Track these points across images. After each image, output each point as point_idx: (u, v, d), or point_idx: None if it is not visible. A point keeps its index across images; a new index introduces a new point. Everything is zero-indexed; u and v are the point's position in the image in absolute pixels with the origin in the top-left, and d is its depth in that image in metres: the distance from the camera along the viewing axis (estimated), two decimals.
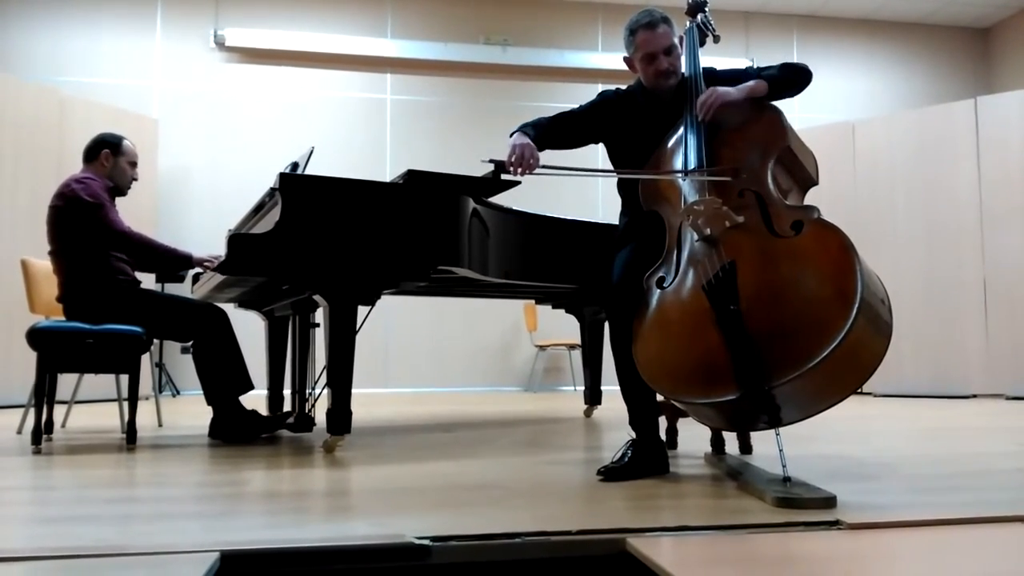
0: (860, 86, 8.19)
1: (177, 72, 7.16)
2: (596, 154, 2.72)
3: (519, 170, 2.26)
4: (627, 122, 2.49)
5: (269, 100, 7.29)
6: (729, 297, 1.90)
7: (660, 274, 2.13)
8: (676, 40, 2.43)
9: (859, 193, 6.39)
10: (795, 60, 7.99)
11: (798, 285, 1.88)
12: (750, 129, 2.24)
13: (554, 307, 4.56)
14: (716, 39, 2.55)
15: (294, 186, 2.68)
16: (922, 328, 6.02)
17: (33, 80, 6.19)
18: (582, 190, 7.48)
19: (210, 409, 3.20)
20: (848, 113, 7.57)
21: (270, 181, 2.78)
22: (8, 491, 2.13)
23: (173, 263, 3.25)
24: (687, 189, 2.21)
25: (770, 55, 7.98)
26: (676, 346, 2.00)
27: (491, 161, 2.34)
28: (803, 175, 2.27)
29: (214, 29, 7.20)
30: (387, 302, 3.72)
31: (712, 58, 2.43)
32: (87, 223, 3.10)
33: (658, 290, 2.10)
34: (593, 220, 3.85)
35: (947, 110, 6.25)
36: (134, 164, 3.38)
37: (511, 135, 2.38)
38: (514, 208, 3.36)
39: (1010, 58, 8.18)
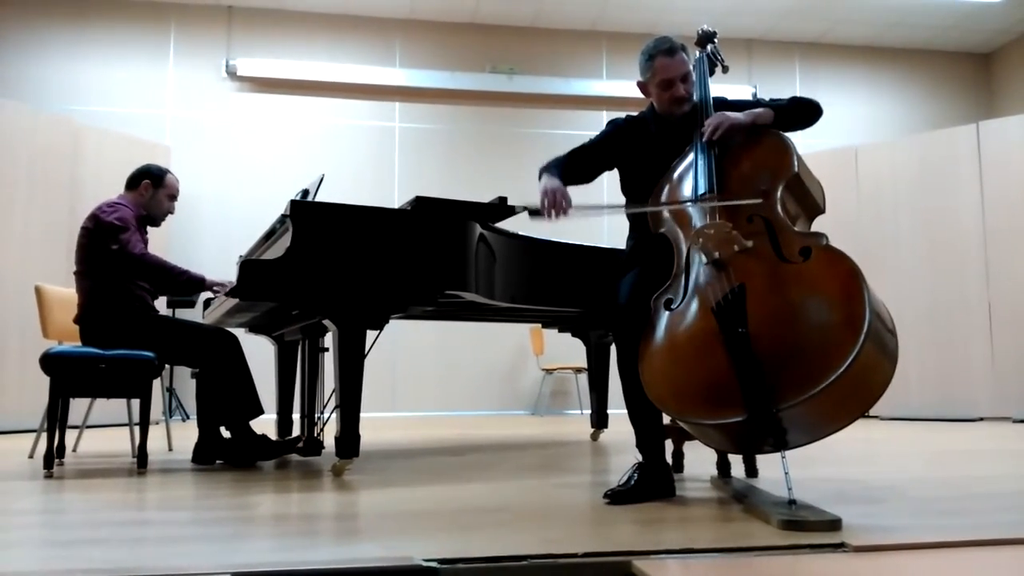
0: (863, 112, 8.24)
1: (189, 101, 7.26)
2: (601, 184, 2.74)
3: (554, 213, 2.28)
4: (639, 148, 2.54)
5: (280, 128, 7.38)
6: (737, 320, 1.92)
7: (668, 296, 2.15)
8: (691, 68, 2.50)
9: (862, 218, 6.41)
10: (798, 86, 8.11)
11: (806, 310, 1.91)
12: (760, 155, 2.28)
13: (560, 331, 4.58)
14: (725, 69, 2.62)
15: (305, 213, 2.72)
16: (928, 351, 6.01)
17: (47, 109, 6.29)
18: (586, 215, 7.52)
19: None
20: (851, 138, 7.60)
21: (281, 208, 2.82)
22: (20, 515, 2.15)
23: (186, 286, 3.32)
24: (696, 213, 2.24)
25: (773, 82, 8.05)
26: (683, 367, 2.02)
27: (525, 208, 2.37)
28: (810, 203, 2.31)
29: (226, 59, 7.31)
30: (395, 326, 3.75)
31: (715, 85, 2.49)
32: (110, 246, 3.16)
33: (666, 312, 2.12)
34: (598, 245, 3.89)
35: (949, 135, 6.28)
36: (173, 197, 3.46)
37: (539, 177, 2.42)
38: (520, 233, 3.40)
39: (1012, 83, 8.23)
